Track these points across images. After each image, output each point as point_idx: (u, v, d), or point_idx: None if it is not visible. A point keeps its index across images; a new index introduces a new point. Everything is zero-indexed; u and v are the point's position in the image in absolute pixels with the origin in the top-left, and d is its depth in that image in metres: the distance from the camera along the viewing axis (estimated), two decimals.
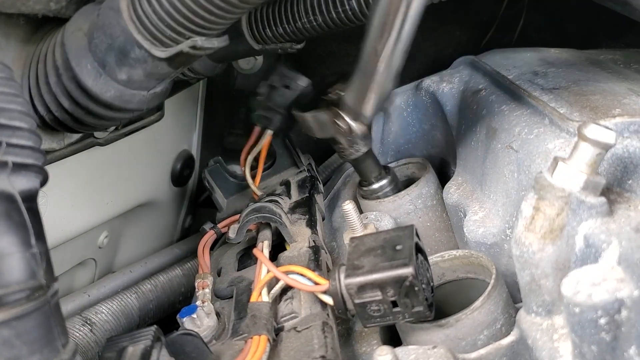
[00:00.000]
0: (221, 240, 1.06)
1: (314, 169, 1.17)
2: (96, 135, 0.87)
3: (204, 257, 0.99)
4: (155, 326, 0.67)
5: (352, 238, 0.79)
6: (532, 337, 0.66)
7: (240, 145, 1.19)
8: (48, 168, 0.58)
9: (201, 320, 0.80)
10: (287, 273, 0.79)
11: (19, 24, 0.75)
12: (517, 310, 0.73)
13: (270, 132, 1.17)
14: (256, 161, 1.16)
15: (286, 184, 1.13)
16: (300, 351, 0.70)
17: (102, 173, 1.03)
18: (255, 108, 1.19)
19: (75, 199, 0.97)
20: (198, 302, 0.85)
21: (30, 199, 0.54)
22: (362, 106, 0.78)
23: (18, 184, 0.53)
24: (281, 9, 0.93)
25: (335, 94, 0.95)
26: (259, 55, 1.29)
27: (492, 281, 0.74)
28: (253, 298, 0.78)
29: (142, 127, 0.94)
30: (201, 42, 0.66)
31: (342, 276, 0.72)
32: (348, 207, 0.91)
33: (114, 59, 0.68)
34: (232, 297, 0.88)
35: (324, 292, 0.74)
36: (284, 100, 1.18)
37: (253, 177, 1.14)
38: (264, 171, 1.18)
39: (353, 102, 0.80)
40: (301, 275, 0.78)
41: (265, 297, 0.78)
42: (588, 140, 0.63)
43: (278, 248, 0.92)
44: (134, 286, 1.08)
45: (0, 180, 0.52)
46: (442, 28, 1.36)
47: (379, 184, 1.07)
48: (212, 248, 1.04)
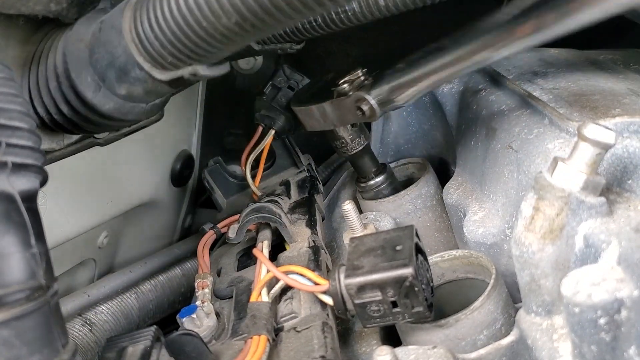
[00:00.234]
0: (221, 240, 1.06)
1: (314, 169, 1.17)
2: (96, 135, 0.87)
3: (204, 257, 0.99)
4: (155, 326, 0.67)
5: (352, 238, 0.79)
6: (532, 337, 0.66)
7: (240, 145, 1.19)
8: (48, 168, 0.58)
9: (201, 320, 0.80)
10: (287, 273, 0.79)
11: (19, 25, 0.74)
12: (517, 310, 0.73)
13: (273, 132, 1.17)
14: (256, 161, 1.16)
15: (286, 184, 1.13)
16: (300, 351, 0.70)
17: (102, 173, 1.03)
18: (259, 108, 1.19)
19: (75, 199, 0.97)
20: (198, 302, 0.85)
21: (30, 199, 0.54)
22: (398, 94, 0.84)
23: (18, 184, 0.53)
24: None
25: (347, 85, 0.95)
26: (259, 55, 1.29)
27: (492, 281, 0.74)
28: (253, 298, 0.78)
29: (142, 128, 0.93)
30: (202, 71, 0.66)
31: (342, 276, 0.72)
32: (348, 207, 0.91)
33: (114, 76, 0.68)
34: (232, 297, 0.88)
35: (324, 292, 0.74)
36: (288, 100, 1.19)
37: (253, 177, 1.14)
38: (264, 171, 1.18)
39: (389, 89, 0.84)
40: (301, 275, 0.78)
41: (265, 297, 0.78)
42: (588, 140, 0.63)
43: (278, 248, 0.92)
44: (134, 286, 1.08)
45: None
46: (442, 28, 1.36)
47: (378, 180, 1.07)
48: (212, 248, 1.04)
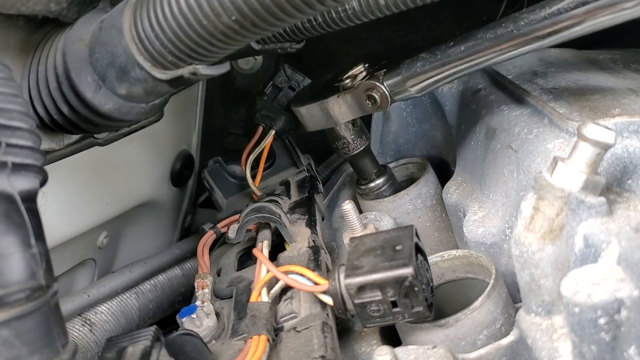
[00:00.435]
0: (221, 240, 1.06)
1: (314, 169, 1.17)
2: (96, 135, 0.87)
3: (204, 257, 0.99)
4: (154, 326, 0.67)
5: (352, 238, 0.79)
6: (532, 337, 0.66)
7: (239, 145, 1.19)
8: (47, 168, 0.58)
9: (201, 320, 0.80)
10: (287, 273, 0.79)
11: (19, 25, 0.74)
12: (517, 310, 0.73)
13: (273, 132, 1.17)
14: (256, 161, 1.16)
15: (286, 184, 1.13)
16: (299, 351, 0.70)
17: (102, 173, 1.03)
18: (259, 108, 1.19)
19: (74, 199, 0.97)
20: (198, 302, 0.85)
21: (29, 199, 0.54)
22: (413, 83, 0.88)
23: (17, 184, 0.53)
24: None
25: (351, 80, 0.96)
26: (259, 55, 1.29)
27: (492, 281, 0.74)
28: (253, 298, 0.78)
29: (142, 128, 0.93)
30: (202, 70, 0.66)
31: (342, 276, 0.72)
32: (347, 207, 0.91)
33: (115, 75, 0.68)
34: (232, 297, 0.88)
35: (324, 292, 0.74)
36: (289, 101, 1.19)
37: (253, 177, 1.14)
38: (264, 171, 1.18)
39: (403, 78, 0.89)
40: (301, 275, 0.78)
41: (264, 297, 0.78)
42: (587, 140, 0.63)
43: (278, 248, 0.92)
44: (134, 286, 1.08)
45: None
46: (442, 28, 1.36)
47: (378, 181, 1.07)
48: (212, 248, 1.04)
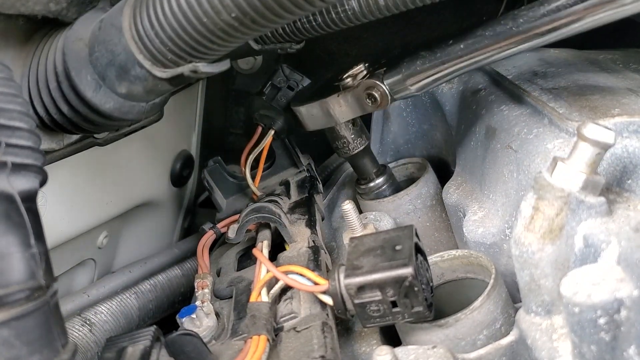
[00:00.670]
0: (220, 240, 1.06)
1: (314, 169, 1.17)
2: (96, 135, 0.87)
3: (204, 257, 0.99)
4: (154, 326, 0.67)
5: (352, 238, 0.79)
6: (532, 337, 0.66)
7: (239, 145, 1.19)
8: (47, 168, 0.58)
9: (200, 320, 0.80)
10: (287, 273, 0.78)
11: (19, 25, 0.74)
12: (517, 310, 0.73)
13: (273, 132, 1.17)
14: (256, 161, 1.16)
15: (285, 184, 1.13)
16: (299, 351, 0.70)
17: (102, 173, 1.03)
18: (258, 108, 1.19)
19: (74, 199, 0.97)
20: (197, 302, 0.85)
21: (29, 199, 0.54)
22: (413, 82, 0.88)
23: (17, 184, 0.53)
24: None
25: (351, 79, 0.96)
26: (259, 55, 1.29)
27: (492, 281, 0.74)
28: (252, 298, 0.78)
29: (142, 128, 0.93)
30: (202, 68, 0.66)
31: (342, 276, 0.72)
32: (347, 207, 0.91)
33: (115, 74, 0.68)
34: (232, 297, 0.88)
35: (324, 292, 0.74)
36: (288, 101, 1.18)
37: (253, 177, 1.14)
38: (263, 171, 1.18)
39: (403, 77, 0.88)
40: (301, 275, 0.77)
41: (264, 297, 0.78)
42: (587, 140, 0.63)
43: (277, 248, 0.92)
44: (134, 286, 1.08)
45: None
46: (441, 28, 1.36)
47: (378, 181, 1.07)
48: (212, 248, 1.04)
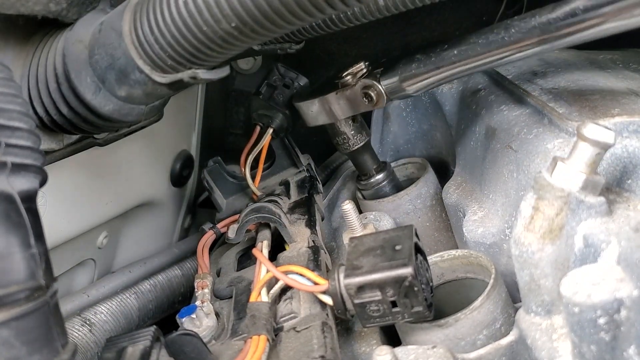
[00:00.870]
0: (220, 240, 1.06)
1: (313, 169, 1.17)
2: (95, 135, 0.87)
3: (203, 257, 0.99)
4: (154, 326, 0.67)
5: (352, 238, 0.79)
6: (532, 337, 0.66)
7: (239, 145, 1.19)
8: (47, 168, 0.58)
9: (200, 320, 0.80)
10: (287, 273, 0.79)
11: (18, 25, 0.74)
12: (517, 310, 0.73)
13: (271, 131, 1.17)
14: (255, 161, 1.16)
15: (285, 184, 1.13)
16: (299, 351, 0.70)
17: (101, 173, 1.03)
18: (256, 108, 1.19)
19: (74, 199, 0.97)
20: (197, 302, 0.85)
21: (29, 200, 0.54)
22: (410, 83, 0.89)
23: (17, 185, 0.53)
24: None
25: (351, 77, 0.96)
26: (258, 55, 1.29)
27: (492, 281, 0.74)
28: (252, 298, 0.78)
29: (141, 128, 0.93)
30: (202, 74, 0.67)
31: (342, 276, 0.72)
32: (347, 207, 0.91)
33: (114, 77, 0.68)
34: (232, 297, 0.88)
35: (324, 292, 0.74)
36: (285, 99, 1.18)
37: (252, 177, 1.14)
38: (263, 171, 1.18)
39: (400, 78, 0.89)
40: (300, 275, 0.78)
41: (264, 297, 0.78)
42: (587, 140, 0.63)
43: (277, 248, 0.92)
44: (134, 286, 1.08)
45: None
46: (441, 28, 1.36)
47: (378, 177, 1.07)
48: (212, 248, 1.04)
